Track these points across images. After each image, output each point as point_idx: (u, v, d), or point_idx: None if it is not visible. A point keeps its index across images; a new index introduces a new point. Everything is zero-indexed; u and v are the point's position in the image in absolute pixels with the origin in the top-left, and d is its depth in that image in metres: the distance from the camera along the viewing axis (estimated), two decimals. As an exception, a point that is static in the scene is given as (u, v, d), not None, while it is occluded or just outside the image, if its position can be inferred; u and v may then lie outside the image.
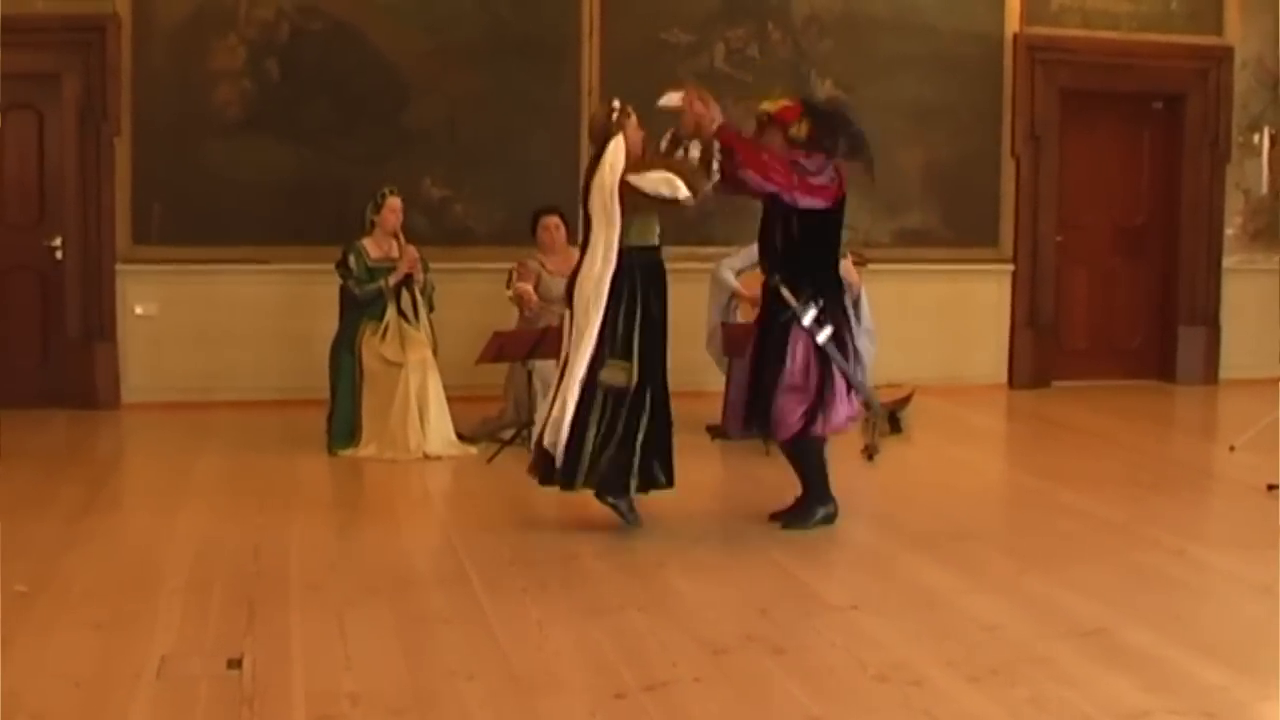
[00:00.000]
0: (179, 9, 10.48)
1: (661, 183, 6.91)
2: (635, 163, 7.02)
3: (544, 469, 7.14)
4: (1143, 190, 12.69)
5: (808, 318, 6.98)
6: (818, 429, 7.08)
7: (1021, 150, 11.99)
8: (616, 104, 7.17)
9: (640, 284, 7.04)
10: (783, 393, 6.98)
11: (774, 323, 7.09)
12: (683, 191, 6.91)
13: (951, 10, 11.74)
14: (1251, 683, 5.04)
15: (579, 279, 7.04)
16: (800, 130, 7.04)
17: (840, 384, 7.07)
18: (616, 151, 6.99)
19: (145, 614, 5.63)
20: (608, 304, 6.95)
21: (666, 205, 7.00)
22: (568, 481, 7.01)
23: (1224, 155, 12.44)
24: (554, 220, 9.49)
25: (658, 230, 7.12)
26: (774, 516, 7.31)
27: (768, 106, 7.19)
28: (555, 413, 7.02)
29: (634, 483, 7.03)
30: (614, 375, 6.96)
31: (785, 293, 7.01)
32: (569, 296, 7.15)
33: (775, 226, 7.11)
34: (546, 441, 7.06)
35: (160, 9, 10.45)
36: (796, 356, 7.01)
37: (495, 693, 4.87)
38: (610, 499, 7.04)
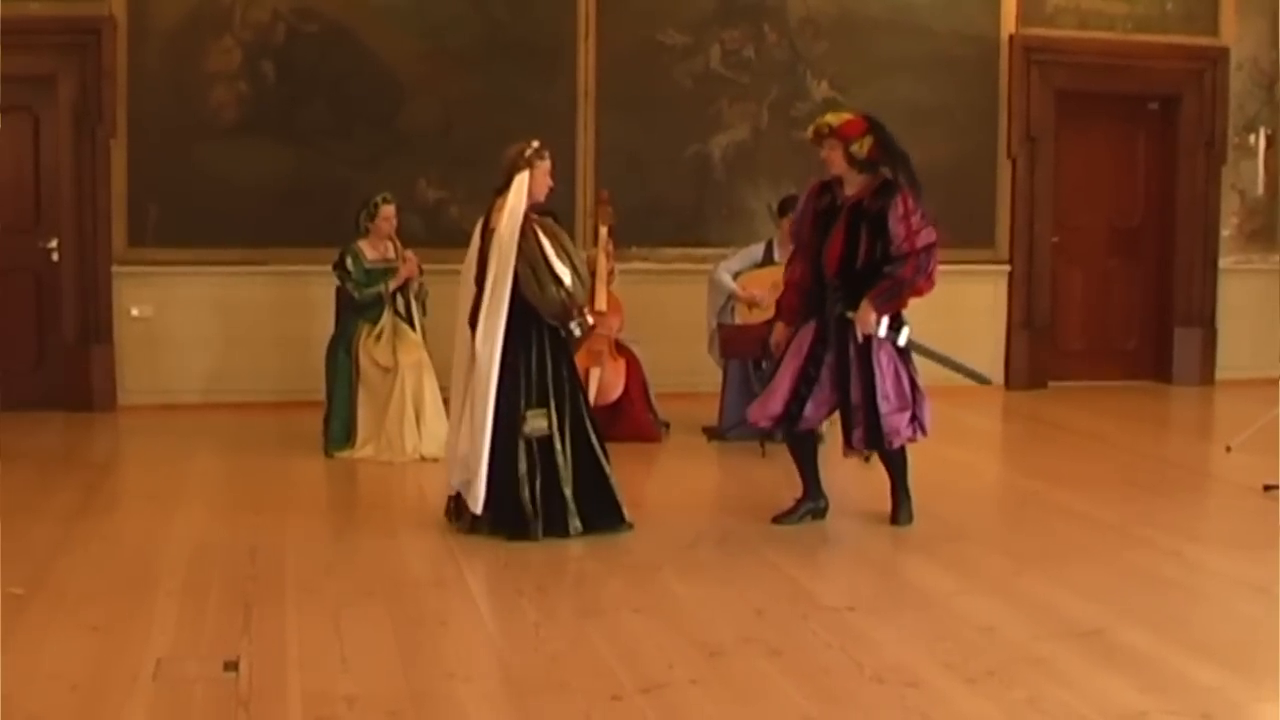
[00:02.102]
0: (174, 11, 10.47)
1: (559, 258, 6.93)
2: (535, 206, 7.06)
3: (466, 517, 7.02)
4: (1138, 191, 12.69)
5: (884, 329, 7.05)
6: (920, 434, 7.25)
7: (1017, 151, 12.00)
8: (535, 143, 7.14)
9: (548, 328, 7.02)
10: (885, 406, 7.04)
11: (850, 341, 7.08)
12: (568, 282, 6.92)
13: (947, 11, 11.74)
14: (1248, 683, 5.04)
15: (483, 319, 6.94)
16: (862, 148, 7.05)
17: (920, 383, 7.22)
18: (520, 188, 6.97)
19: (141, 616, 5.63)
20: (519, 353, 6.92)
21: (543, 274, 6.93)
22: (522, 534, 6.85)
23: (1219, 156, 12.45)
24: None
25: None
26: (776, 519, 7.33)
27: (831, 119, 7.17)
28: (469, 461, 6.90)
29: (576, 523, 6.96)
30: (536, 424, 6.93)
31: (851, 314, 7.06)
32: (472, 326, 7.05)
33: (854, 250, 7.07)
34: (459, 486, 6.97)
35: (156, 11, 10.44)
36: (884, 369, 7.08)
37: (491, 694, 4.88)
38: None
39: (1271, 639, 5.39)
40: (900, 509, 7.37)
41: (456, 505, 7.11)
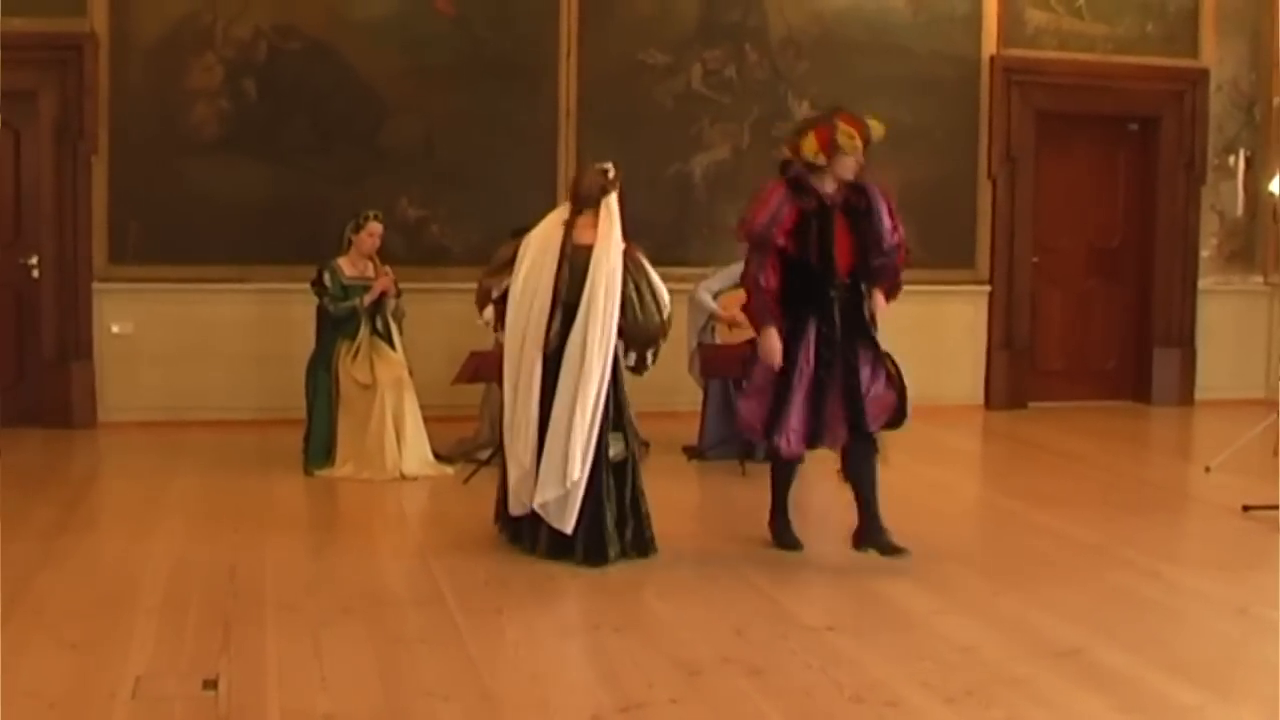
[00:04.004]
0: (156, 28, 10.47)
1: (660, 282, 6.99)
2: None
3: (532, 537, 6.97)
4: (1118, 212, 12.75)
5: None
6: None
7: (998, 172, 12.04)
8: (610, 166, 7.09)
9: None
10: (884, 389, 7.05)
11: (864, 330, 7.04)
12: (667, 308, 6.98)
13: (928, 32, 11.79)
14: (1225, 703, 5.06)
15: (586, 341, 6.79)
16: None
17: None
18: (613, 210, 6.95)
19: (120, 634, 5.61)
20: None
21: (646, 296, 6.97)
22: (599, 559, 6.80)
23: (1199, 177, 12.52)
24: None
25: None
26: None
27: (882, 129, 6.99)
28: (558, 486, 6.78)
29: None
30: (617, 448, 6.93)
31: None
32: (546, 345, 6.93)
33: (863, 247, 6.99)
34: (552, 518, 6.84)
35: (138, 28, 10.44)
36: (877, 360, 7.06)
37: (470, 713, 4.87)
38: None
39: (1250, 660, 5.41)
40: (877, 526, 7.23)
41: (520, 524, 7.04)
